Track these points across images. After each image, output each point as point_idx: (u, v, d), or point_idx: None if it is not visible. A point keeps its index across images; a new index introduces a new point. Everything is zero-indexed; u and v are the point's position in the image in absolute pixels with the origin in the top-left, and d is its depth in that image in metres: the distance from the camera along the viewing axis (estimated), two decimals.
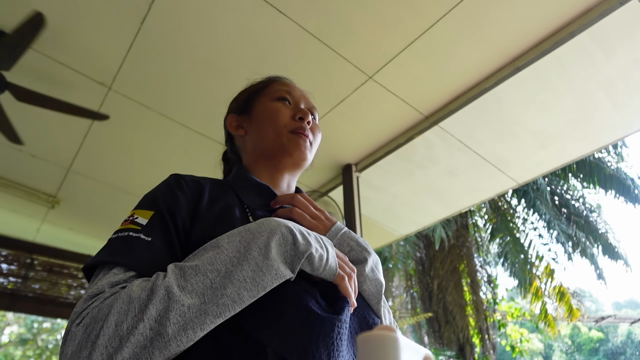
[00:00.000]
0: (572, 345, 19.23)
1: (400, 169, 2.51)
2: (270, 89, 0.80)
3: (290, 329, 0.49)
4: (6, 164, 2.70)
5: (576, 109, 2.06)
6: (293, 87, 0.82)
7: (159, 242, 0.55)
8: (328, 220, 0.68)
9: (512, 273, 6.25)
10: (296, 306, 0.51)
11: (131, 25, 1.73)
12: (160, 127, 2.29)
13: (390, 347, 0.33)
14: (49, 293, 3.67)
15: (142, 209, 0.59)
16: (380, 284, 0.65)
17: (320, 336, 0.49)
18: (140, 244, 0.53)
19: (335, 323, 0.51)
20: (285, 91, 0.79)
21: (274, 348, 0.48)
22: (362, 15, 1.67)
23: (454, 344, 6.64)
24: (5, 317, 11.14)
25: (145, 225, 0.55)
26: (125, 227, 0.56)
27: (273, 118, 0.74)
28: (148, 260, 0.52)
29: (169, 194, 0.61)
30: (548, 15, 1.64)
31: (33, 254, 3.66)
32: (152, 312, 0.45)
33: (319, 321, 0.50)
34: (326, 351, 0.49)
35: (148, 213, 0.57)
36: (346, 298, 0.57)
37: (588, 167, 6.18)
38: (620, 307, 26.46)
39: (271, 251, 0.51)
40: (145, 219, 0.56)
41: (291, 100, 0.78)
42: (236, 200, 0.67)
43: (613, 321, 13.19)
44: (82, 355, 0.43)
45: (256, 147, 0.76)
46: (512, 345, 7.51)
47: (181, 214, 0.59)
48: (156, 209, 0.58)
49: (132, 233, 0.54)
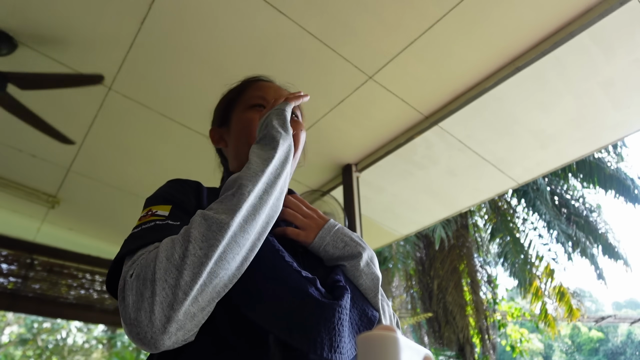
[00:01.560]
0: (572, 345, 19.23)
1: (400, 169, 2.51)
2: (245, 96, 0.79)
3: (292, 315, 0.50)
4: (6, 164, 2.70)
5: (576, 109, 2.06)
6: (267, 88, 0.80)
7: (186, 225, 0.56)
8: (321, 218, 0.69)
9: (512, 273, 6.25)
10: (297, 293, 0.52)
11: (131, 25, 1.73)
12: (160, 127, 2.29)
13: (390, 347, 0.33)
14: (49, 293, 3.67)
15: (158, 204, 0.59)
16: (377, 277, 0.66)
17: (322, 321, 0.51)
18: (170, 228, 0.54)
19: (335, 308, 0.52)
20: (259, 96, 0.78)
21: (276, 334, 0.49)
22: (362, 15, 1.67)
23: (454, 344, 6.64)
24: (5, 317, 11.15)
25: (169, 215, 0.56)
26: (148, 219, 0.56)
27: (246, 130, 0.74)
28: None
29: (178, 191, 0.63)
30: (548, 15, 1.64)
31: (33, 254, 3.66)
32: (196, 234, 0.48)
33: (319, 307, 0.51)
34: (327, 336, 0.50)
35: (166, 207, 0.58)
36: (345, 286, 0.58)
37: (588, 167, 6.18)
38: (620, 307, 26.46)
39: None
40: (165, 212, 0.57)
41: (266, 104, 0.77)
42: None
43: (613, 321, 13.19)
44: (145, 296, 0.44)
45: (236, 159, 0.77)
46: (512, 345, 7.51)
47: (192, 207, 0.60)
48: (172, 203, 0.60)
49: (158, 222, 0.55)
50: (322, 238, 0.65)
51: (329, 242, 0.65)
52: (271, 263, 0.55)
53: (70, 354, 11.48)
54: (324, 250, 0.65)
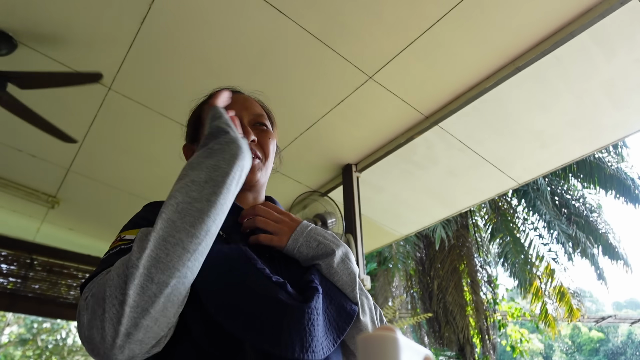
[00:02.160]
0: (573, 346, 19.22)
1: (400, 169, 2.51)
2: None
3: (262, 321, 0.52)
4: (6, 164, 2.70)
5: (576, 109, 2.05)
6: (233, 103, 0.78)
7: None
8: (293, 221, 0.69)
9: (512, 273, 6.25)
10: (267, 300, 0.54)
11: (131, 25, 1.72)
12: (160, 127, 2.29)
13: (390, 347, 0.33)
14: (48, 293, 3.67)
15: (128, 229, 0.62)
16: (353, 272, 0.67)
17: (292, 324, 0.52)
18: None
19: (305, 310, 0.54)
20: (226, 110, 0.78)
21: (249, 340, 0.51)
22: (362, 15, 1.66)
23: (454, 344, 6.63)
24: (5, 317, 11.14)
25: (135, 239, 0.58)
26: (115, 245, 0.59)
27: None
28: None
29: (150, 214, 0.63)
30: (548, 15, 1.64)
31: (33, 254, 3.66)
32: (137, 247, 0.49)
33: (289, 310, 0.53)
34: (298, 337, 0.52)
35: (134, 231, 0.60)
36: (316, 286, 0.60)
37: (588, 167, 6.18)
38: (620, 307, 26.45)
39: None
40: (133, 236, 0.59)
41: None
42: None
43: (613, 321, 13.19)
44: (97, 314, 0.46)
45: None
46: (512, 346, 7.50)
47: None
48: (141, 226, 0.61)
49: (123, 246, 0.57)
50: (295, 240, 0.66)
51: (302, 243, 0.66)
52: (242, 272, 0.57)
53: (70, 354, 11.48)
54: (298, 251, 0.66)
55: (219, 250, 0.59)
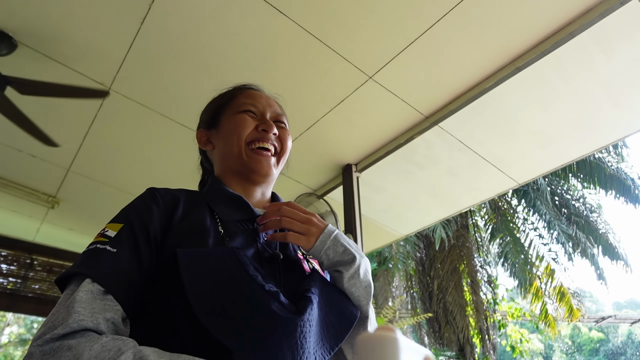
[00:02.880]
0: (573, 346, 19.22)
1: (400, 169, 2.51)
2: (235, 102, 0.80)
3: (255, 333, 0.51)
4: (6, 164, 2.70)
5: (576, 109, 2.05)
6: (258, 97, 0.81)
7: (124, 254, 0.56)
8: (320, 222, 0.69)
9: (512, 273, 6.25)
10: (259, 310, 0.53)
11: (131, 25, 1.72)
12: (160, 127, 2.29)
13: (390, 347, 0.33)
14: (48, 293, 3.67)
15: (114, 222, 0.61)
16: (371, 285, 0.68)
17: (284, 337, 0.51)
18: (105, 256, 0.55)
19: (297, 323, 0.53)
20: (250, 104, 0.79)
21: (238, 352, 0.49)
22: (362, 15, 1.66)
23: (454, 344, 6.63)
24: (5, 317, 11.14)
25: (113, 238, 0.58)
26: (95, 240, 0.58)
27: (236, 132, 0.75)
28: (110, 271, 0.54)
29: (143, 207, 0.63)
30: (548, 15, 1.64)
31: (33, 254, 3.66)
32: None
33: (281, 323, 0.52)
34: (289, 351, 0.51)
35: (117, 226, 0.60)
36: (310, 297, 0.58)
37: (588, 167, 6.18)
38: (620, 307, 26.45)
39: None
40: (114, 232, 0.59)
41: (256, 111, 0.78)
42: (208, 212, 0.68)
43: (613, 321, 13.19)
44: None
45: (223, 162, 0.78)
46: (512, 346, 7.50)
47: (153, 225, 0.61)
48: (126, 221, 0.60)
49: (99, 245, 0.57)
50: (323, 242, 0.66)
51: (329, 246, 0.65)
52: (233, 278, 0.55)
53: None
54: (325, 254, 0.65)
55: (210, 252, 0.57)
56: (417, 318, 6.67)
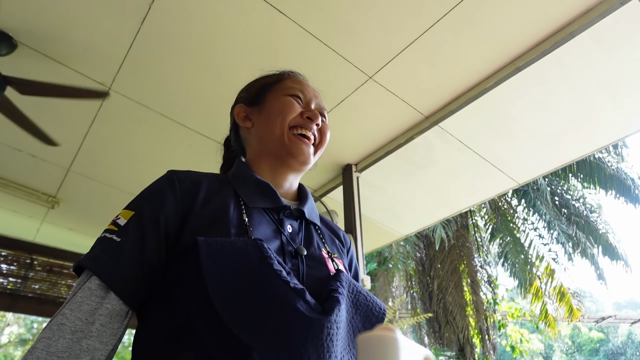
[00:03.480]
0: (573, 346, 19.22)
1: (400, 169, 2.51)
2: (283, 85, 0.79)
3: (278, 331, 0.48)
4: (6, 164, 2.70)
5: (576, 109, 2.05)
6: (306, 85, 0.80)
7: (128, 244, 0.56)
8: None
9: (512, 273, 6.25)
10: (283, 308, 0.50)
11: (131, 25, 1.72)
12: (160, 127, 2.29)
13: (390, 347, 0.33)
14: (48, 293, 3.67)
15: (127, 209, 0.61)
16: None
17: (309, 338, 0.48)
18: (109, 247, 0.56)
19: (324, 324, 0.50)
20: (298, 89, 0.78)
21: (260, 351, 0.47)
22: (362, 15, 1.66)
23: (454, 344, 6.63)
24: (5, 317, 11.14)
25: (122, 226, 0.57)
26: (108, 227, 0.59)
27: (282, 113, 0.73)
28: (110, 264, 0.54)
29: (158, 194, 0.61)
30: (548, 15, 1.64)
31: (33, 254, 3.66)
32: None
33: (307, 323, 0.49)
34: (315, 353, 0.48)
35: (129, 213, 0.59)
36: (337, 297, 0.55)
37: (588, 167, 6.18)
38: (620, 307, 26.45)
39: None
40: (124, 220, 0.58)
41: (303, 99, 0.77)
42: (233, 197, 0.65)
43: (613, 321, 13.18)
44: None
45: (261, 142, 0.75)
46: (512, 346, 7.50)
47: (166, 215, 0.59)
48: (137, 209, 0.59)
49: (107, 234, 0.57)
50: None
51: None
52: (257, 272, 0.52)
53: None
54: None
55: (233, 242, 0.54)
56: (417, 318, 6.66)
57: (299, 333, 0.48)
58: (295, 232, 0.67)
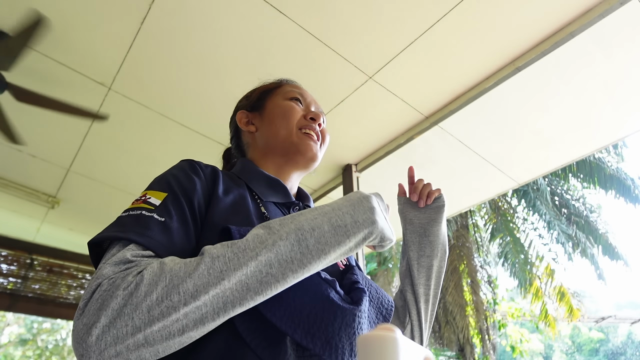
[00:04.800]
0: (573, 346, 19.22)
1: (400, 169, 2.51)
2: (282, 89, 0.81)
3: (313, 320, 0.50)
4: (6, 164, 2.70)
5: (576, 109, 2.05)
6: (304, 90, 0.84)
7: (174, 223, 0.52)
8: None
9: (512, 273, 6.26)
10: (317, 297, 0.52)
11: (131, 25, 1.72)
12: (160, 127, 2.29)
13: (390, 347, 0.33)
14: (48, 293, 3.67)
15: (155, 190, 0.56)
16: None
17: (343, 327, 0.50)
18: (154, 223, 0.50)
19: (356, 314, 0.52)
20: (298, 93, 0.81)
21: (297, 339, 0.48)
22: (362, 15, 1.66)
23: (454, 344, 6.64)
24: (5, 317, 11.14)
25: (159, 206, 0.53)
26: (137, 205, 0.53)
27: (286, 115, 0.75)
28: (163, 240, 0.49)
29: (184, 177, 0.59)
30: (548, 15, 1.64)
31: (33, 254, 3.66)
32: (189, 285, 0.43)
33: (340, 312, 0.51)
34: (348, 341, 0.50)
35: (161, 194, 0.55)
36: (362, 288, 0.58)
37: (588, 167, 6.18)
38: (620, 307, 26.46)
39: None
40: (158, 200, 0.54)
41: (303, 102, 0.80)
42: (247, 191, 0.67)
43: (613, 321, 13.18)
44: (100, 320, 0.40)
45: (267, 144, 0.76)
46: (512, 346, 7.50)
47: (197, 197, 0.57)
48: (170, 190, 0.56)
49: (144, 212, 0.52)
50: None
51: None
52: None
53: (70, 354, 11.48)
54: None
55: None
56: None
57: (334, 322, 0.50)
58: None
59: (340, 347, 0.49)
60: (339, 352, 0.49)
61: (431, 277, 0.78)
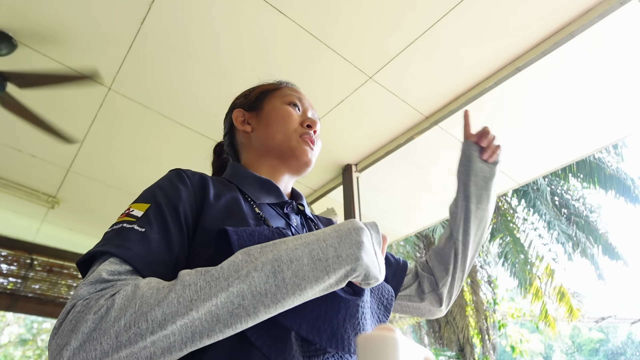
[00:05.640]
0: (573, 346, 19.22)
1: (400, 169, 2.51)
2: (281, 92, 0.81)
3: (317, 314, 0.50)
4: (6, 164, 2.70)
5: (576, 109, 2.05)
6: (303, 95, 0.84)
7: (154, 234, 0.52)
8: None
9: (512, 273, 6.25)
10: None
11: (131, 25, 1.72)
12: (160, 127, 2.29)
13: (390, 347, 0.33)
14: (48, 293, 3.67)
15: (139, 202, 0.57)
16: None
17: (347, 318, 0.51)
18: (134, 234, 0.51)
19: (359, 304, 0.53)
20: (297, 97, 0.80)
21: (303, 334, 0.48)
22: (362, 15, 1.66)
23: (454, 345, 6.64)
24: (5, 317, 11.14)
25: (140, 217, 0.53)
26: (120, 219, 0.54)
27: (284, 120, 0.76)
28: (141, 252, 0.50)
29: (170, 187, 0.60)
30: (548, 16, 1.64)
31: (33, 254, 3.66)
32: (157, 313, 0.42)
33: (344, 304, 0.51)
34: (353, 332, 0.51)
35: (144, 206, 0.56)
36: None
37: (588, 167, 6.18)
38: (620, 307, 26.45)
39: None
40: (141, 212, 0.55)
41: (301, 107, 0.80)
42: (240, 194, 0.67)
43: (613, 321, 13.17)
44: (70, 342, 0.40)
45: (263, 146, 0.76)
46: (512, 346, 7.50)
47: (183, 205, 0.57)
48: (153, 201, 0.56)
49: (125, 224, 0.52)
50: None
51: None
52: None
53: None
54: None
55: (260, 231, 0.55)
56: (417, 318, 6.66)
57: (338, 314, 0.50)
58: (300, 225, 0.71)
59: (347, 339, 0.49)
60: (345, 344, 0.49)
61: (481, 227, 0.86)
